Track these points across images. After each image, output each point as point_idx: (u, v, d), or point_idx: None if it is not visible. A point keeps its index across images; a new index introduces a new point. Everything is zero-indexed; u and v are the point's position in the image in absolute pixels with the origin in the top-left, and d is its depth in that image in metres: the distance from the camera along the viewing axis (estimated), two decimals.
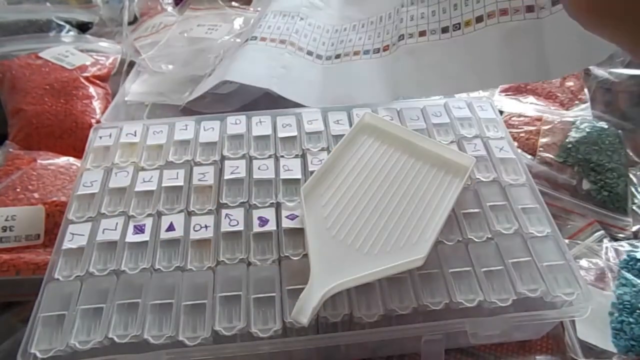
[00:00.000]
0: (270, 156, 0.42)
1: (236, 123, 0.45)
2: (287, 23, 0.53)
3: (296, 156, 0.42)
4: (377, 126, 0.42)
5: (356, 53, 0.51)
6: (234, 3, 0.72)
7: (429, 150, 0.40)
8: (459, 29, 0.46)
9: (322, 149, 0.42)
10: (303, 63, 0.51)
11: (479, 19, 0.45)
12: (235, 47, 0.57)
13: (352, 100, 0.46)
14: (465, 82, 0.46)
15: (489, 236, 0.36)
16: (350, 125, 0.44)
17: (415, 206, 0.36)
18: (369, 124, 0.42)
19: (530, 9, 0.43)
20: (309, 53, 0.52)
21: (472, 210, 0.38)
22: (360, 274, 0.31)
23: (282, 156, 0.41)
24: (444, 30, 0.47)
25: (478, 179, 0.40)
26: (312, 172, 0.40)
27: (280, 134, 0.44)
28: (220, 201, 0.39)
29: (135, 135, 0.44)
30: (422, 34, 0.48)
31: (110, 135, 0.44)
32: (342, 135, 0.43)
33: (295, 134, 0.44)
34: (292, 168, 0.41)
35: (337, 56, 0.51)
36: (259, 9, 0.66)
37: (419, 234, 0.34)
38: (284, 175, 0.40)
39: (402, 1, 0.51)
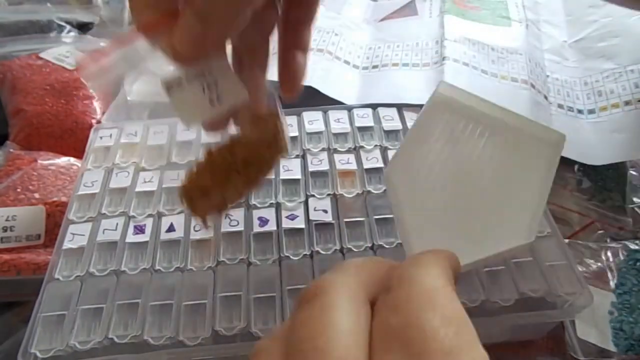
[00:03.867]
0: None
1: None
2: (322, 37, 0.56)
3: (296, 156, 0.42)
4: (453, 98, 0.36)
5: (394, 65, 0.53)
6: None
7: (514, 125, 0.35)
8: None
9: (323, 149, 0.42)
10: (341, 68, 0.53)
11: None
12: None
13: (396, 99, 0.47)
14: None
15: None
16: (351, 124, 0.44)
17: (510, 188, 0.32)
18: (444, 95, 0.36)
19: None
20: (346, 62, 0.54)
21: None
22: (475, 259, 0.29)
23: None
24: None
25: None
26: (312, 173, 0.40)
27: None
28: None
29: (135, 136, 0.44)
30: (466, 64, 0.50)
31: (110, 136, 0.44)
32: (343, 134, 0.44)
33: (295, 134, 0.44)
34: (292, 168, 0.41)
35: (375, 66, 0.54)
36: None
37: (518, 215, 0.31)
38: (284, 175, 0.40)
39: (442, 36, 0.53)
